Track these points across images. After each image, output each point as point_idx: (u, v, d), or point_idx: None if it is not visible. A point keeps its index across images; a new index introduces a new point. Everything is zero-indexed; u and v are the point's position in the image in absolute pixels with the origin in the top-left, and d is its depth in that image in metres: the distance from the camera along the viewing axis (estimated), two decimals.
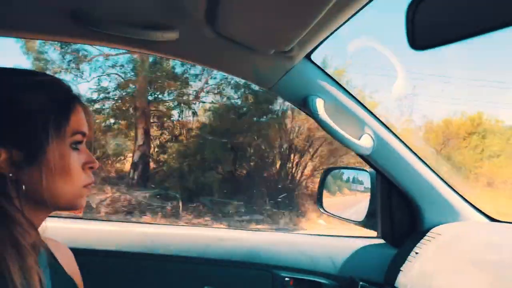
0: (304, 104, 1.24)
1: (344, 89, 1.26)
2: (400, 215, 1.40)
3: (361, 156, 1.32)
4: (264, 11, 0.93)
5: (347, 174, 1.63)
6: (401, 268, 1.26)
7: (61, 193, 0.77)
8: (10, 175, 0.73)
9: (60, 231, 1.36)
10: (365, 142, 1.26)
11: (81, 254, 1.01)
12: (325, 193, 1.56)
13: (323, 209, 1.56)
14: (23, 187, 0.74)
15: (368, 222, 1.47)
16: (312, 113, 1.22)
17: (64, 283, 0.88)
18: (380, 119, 1.30)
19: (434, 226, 1.31)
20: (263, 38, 1.08)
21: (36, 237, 0.78)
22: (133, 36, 1.06)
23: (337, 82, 1.25)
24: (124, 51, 8.08)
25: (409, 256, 1.27)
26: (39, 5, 1.04)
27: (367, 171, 1.47)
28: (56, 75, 0.86)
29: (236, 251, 1.42)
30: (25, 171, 0.73)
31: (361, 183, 1.53)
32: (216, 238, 1.46)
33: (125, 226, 1.53)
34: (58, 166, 0.75)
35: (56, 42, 8.68)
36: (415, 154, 1.32)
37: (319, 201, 1.56)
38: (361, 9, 0.92)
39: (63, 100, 0.78)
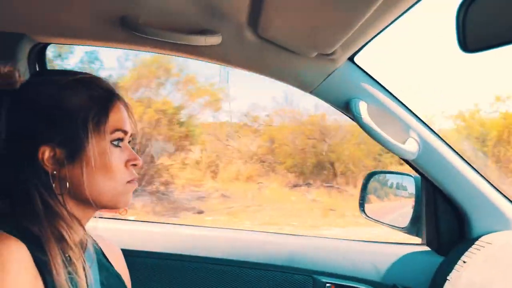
0: (347, 108, 1.23)
1: (389, 91, 1.23)
2: (447, 222, 1.35)
3: (406, 160, 1.29)
4: (307, 14, 0.92)
5: (390, 178, 1.59)
6: (447, 277, 1.22)
7: (102, 190, 0.78)
8: (55, 172, 0.75)
9: (105, 232, 1.41)
10: (410, 146, 1.22)
11: (126, 255, 1.04)
12: (367, 197, 1.53)
13: (365, 214, 1.53)
14: (67, 184, 0.76)
15: (412, 228, 1.43)
16: (354, 117, 1.20)
17: (112, 280, 0.90)
18: (426, 122, 1.26)
19: (483, 234, 1.26)
20: (306, 41, 1.08)
21: (82, 233, 0.81)
22: (177, 41, 1.09)
23: (381, 85, 1.23)
24: None
25: (456, 265, 1.22)
26: (91, 14, 1.09)
27: (411, 176, 1.43)
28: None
29: (278, 255, 1.42)
30: (68, 168, 0.76)
31: (405, 188, 1.49)
32: (258, 242, 1.46)
33: (169, 227, 1.56)
34: (98, 163, 0.76)
35: None
36: (463, 158, 1.27)
37: (361, 206, 1.53)
38: (408, 9, 0.89)
39: (102, 97, 0.79)
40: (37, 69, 1.37)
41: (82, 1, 1.05)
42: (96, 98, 0.78)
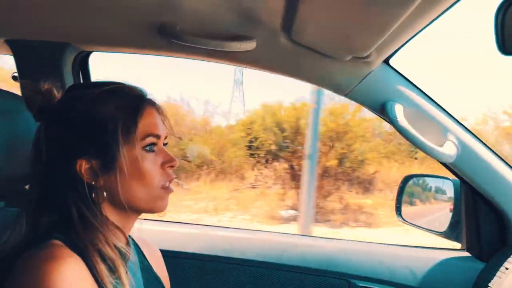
0: (382, 111, 1.22)
1: (425, 94, 1.21)
2: (488, 227, 1.31)
3: (444, 164, 1.26)
4: (342, 17, 0.92)
5: (428, 182, 1.56)
6: (489, 284, 1.18)
7: (138, 196, 0.80)
8: (93, 183, 0.78)
9: (143, 233, 1.45)
10: (448, 149, 1.20)
11: (164, 256, 1.07)
12: (404, 201, 1.50)
13: (402, 218, 1.50)
14: (104, 194, 0.79)
15: (451, 233, 1.39)
16: (390, 120, 1.19)
17: (151, 282, 0.93)
18: (464, 124, 1.23)
19: None
20: (340, 44, 1.08)
21: (124, 240, 0.84)
22: (213, 48, 1.12)
23: (417, 87, 1.21)
24: None
25: (498, 272, 1.18)
26: (131, 22, 1.13)
27: (450, 180, 1.40)
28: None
29: (312, 258, 1.42)
30: (104, 179, 0.78)
31: (443, 191, 1.46)
32: (291, 244, 1.46)
33: (204, 229, 1.59)
34: (131, 171, 0.78)
35: None
36: (504, 160, 1.23)
37: (397, 210, 1.50)
38: (445, 11, 0.88)
39: (130, 106, 0.80)
40: (80, 77, 1.43)
41: (123, 11, 1.09)
42: (124, 107, 0.80)
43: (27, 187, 1.30)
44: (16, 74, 1.37)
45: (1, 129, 0.84)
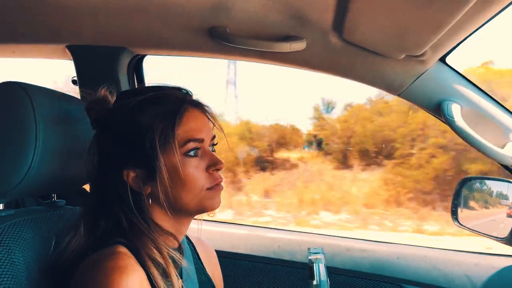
0: (438, 111, 1.17)
1: (485, 92, 1.15)
2: None
3: (506, 166, 1.20)
4: (395, 15, 0.90)
5: (487, 185, 1.48)
6: None
7: (184, 201, 0.81)
8: (140, 191, 0.80)
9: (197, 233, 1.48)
10: (510, 151, 1.13)
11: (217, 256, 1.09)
12: (461, 205, 1.43)
13: (459, 222, 1.44)
14: (150, 201, 0.81)
15: None
16: (447, 120, 1.14)
17: (204, 283, 0.95)
18: None
19: None
20: (393, 43, 1.05)
21: (176, 243, 0.85)
22: (263, 49, 1.12)
23: (476, 86, 1.15)
24: None
25: None
26: (183, 26, 1.16)
27: (511, 182, 1.32)
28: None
29: (363, 262, 1.39)
30: (151, 186, 0.80)
31: (504, 195, 1.38)
32: (343, 248, 1.44)
33: (255, 230, 1.60)
34: (172, 178, 0.79)
35: None
36: None
37: (454, 214, 1.43)
38: (505, 8, 0.83)
39: (168, 113, 0.79)
40: (135, 80, 1.48)
41: (175, 15, 1.12)
42: (162, 115, 0.79)
43: (85, 187, 1.36)
44: (76, 78, 1.44)
45: (64, 133, 0.88)
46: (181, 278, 0.83)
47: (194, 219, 0.90)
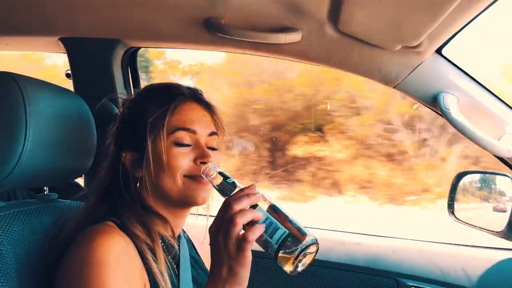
0: (434, 103, 1.16)
1: (481, 84, 1.15)
2: None
3: (501, 158, 1.19)
4: (390, 5, 0.89)
5: (483, 178, 1.48)
6: None
7: (166, 186, 0.82)
8: (134, 173, 0.85)
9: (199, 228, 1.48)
10: (506, 143, 1.13)
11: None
12: (458, 199, 1.43)
13: (455, 216, 1.43)
14: (141, 184, 0.85)
15: (509, 232, 1.31)
16: (443, 112, 1.13)
17: (203, 276, 0.95)
18: None
19: None
20: (389, 34, 1.04)
21: (170, 232, 0.87)
22: (259, 40, 1.11)
23: (473, 78, 1.15)
24: None
25: None
26: (178, 17, 1.15)
27: (508, 176, 1.31)
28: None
29: (359, 256, 1.38)
30: (143, 169, 0.83)
31: (500, 189, 1.37)
32: (337, 242, 1.43)
33: None
34: (158, 162, 0.81)
35: None
36: None
37: (450, 208, 1.43)
38: None
39: (162, 103, 0.84)
40: (129, 73, 1.47)
41: (170, 6, 1.11)
42: (159, 103, 0.84)
43: (77, 180, 1.35)
44: (69, 72, 1.43)
45: (56, 125, 0.87)
46: (178, 266, 0.86)
47: (191, 214, 0.92)
